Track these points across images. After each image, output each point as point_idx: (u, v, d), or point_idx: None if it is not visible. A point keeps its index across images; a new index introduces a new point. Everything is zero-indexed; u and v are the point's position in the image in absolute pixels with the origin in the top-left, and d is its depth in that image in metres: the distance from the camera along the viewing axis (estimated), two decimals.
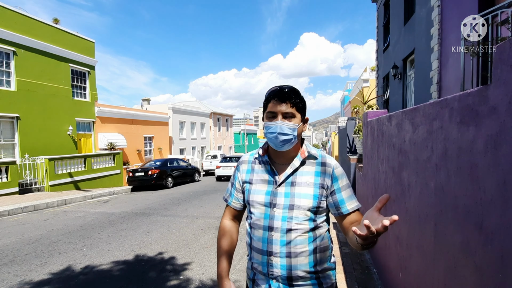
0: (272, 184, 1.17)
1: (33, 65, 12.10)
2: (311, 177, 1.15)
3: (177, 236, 5.01)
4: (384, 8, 11.07)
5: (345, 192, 1.15)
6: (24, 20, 11.92)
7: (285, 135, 1.10)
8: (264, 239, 1.14)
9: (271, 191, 1.16)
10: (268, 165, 1.21)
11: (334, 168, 1.17)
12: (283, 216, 1.12)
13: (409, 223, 2.01)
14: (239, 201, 1.31)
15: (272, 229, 1.13)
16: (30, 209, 7.75)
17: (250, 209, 1.22)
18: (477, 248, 1.17)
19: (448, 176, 1.41)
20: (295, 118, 1.12)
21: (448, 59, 5.44)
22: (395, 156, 2.35)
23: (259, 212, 1.17)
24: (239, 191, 1.30)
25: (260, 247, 1.15)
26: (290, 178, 1.15)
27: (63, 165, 11.53)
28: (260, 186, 1.19)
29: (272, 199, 1.14)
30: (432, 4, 6.06)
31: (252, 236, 1.20)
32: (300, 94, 1.15)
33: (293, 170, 1.16)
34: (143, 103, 24.73)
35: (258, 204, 1.17)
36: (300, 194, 1.12)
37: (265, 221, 1.15)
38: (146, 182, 12.41)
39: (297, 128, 1.12)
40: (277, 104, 1.11)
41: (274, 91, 1.14)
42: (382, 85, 11.60)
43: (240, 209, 1.32)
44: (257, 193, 1.19)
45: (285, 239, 1.11)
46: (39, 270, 3.61)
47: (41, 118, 12.34)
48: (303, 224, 1.12)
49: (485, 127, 1.10)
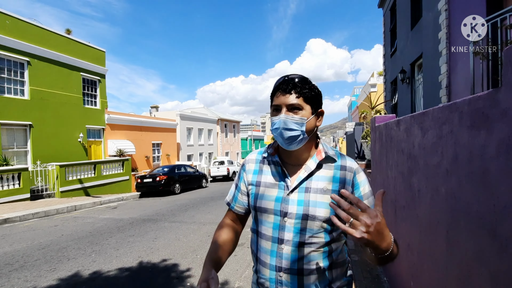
0: (283, 189, 1.01)
1: (46, 74, 12.44)
2: (329, 183, 0.99)
3: (184, 243, 5.00)
4: (391, 13, 11.04)
5: (368, 202, 1.00)
6: (38, 31, 12.32)
7: (291, 130, 0.95)
8: (273, 252, 1.00)
9: (282, 197, 1.00)
10: (279, 166, 1.06)
11: (356, 172, 1.02)
12: (295, 228, 0.97)
13: (420, 230, 1.96)
14: (244, 205, 1.15)
15: (282, 242, 0.98)
16: (41, 215, 7.88)
17: (256, 216, 1.07)
18: (491, 256, 1.13)
19: (459, 182, 1.38)
20: (302, 110, 0.97)
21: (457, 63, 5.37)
22: (404, 161, 2.31)
23: (268, 221, 1.02)
24: (244, 193, 1.14)
25: (267, 261, 1.01)
26: (304, 183, 1.00)
27: (73, 171, 11.74)
28: (269, 190, 1.04)
29: (283, 207, 0.99)
30: (439, 8, 6.02)
31: (258, 247, 1.05)
32: (310, 82, 1.00)
33: (308, 174, 1.01)
34: (151, 110, 25.08)
35: (267, 212, 1.02)
36: (316, 203, 0.97)
37: (274, 231, 1.00)
38: (154, 188, 12.50)
39: (305, 123, 0.97)
40: (281, 96, 0.98)
41: (279, 82, 1.01)
42: (390, 90, 11.50)
43: (244, 214, 1.17)
44: (266, 198, 1.03)
45: (297, 254, 0.96)
46: (48, 276, 3.64)
47: (53, 126, 12.63)
48: (318, 238, 0.97)
49: (497, 131, 1.07)
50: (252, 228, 1.11)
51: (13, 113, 11.15)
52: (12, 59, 11.29)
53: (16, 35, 11.32)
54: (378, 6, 12.71)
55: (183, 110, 25.64)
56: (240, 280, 3.44)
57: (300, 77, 0.99)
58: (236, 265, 3.91)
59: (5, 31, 10.95)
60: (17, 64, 11.55)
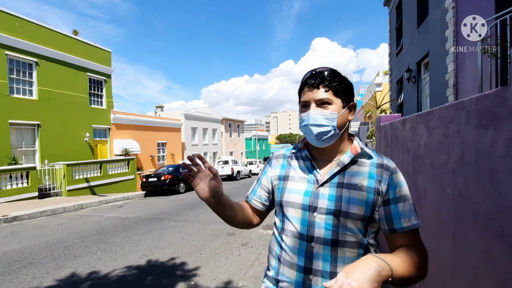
0: (312, 183, 0.94)
1: (53, 75, 12.61)
2: (364, 180, 0.91)
3: (188, 242, 5.02)
4: (397, 12, 10.93)
5: (403, 205, 0.90)
6: (46, 32, 12.49)
7: (320, 126, 0.90)
8: (301, 251, 0.90)
9: (312, 191, 0.93)
10: (308, 161, 0.99)
11: (393, 172, 0.93)
12: (326, 224, 0.89)
13: (426, 230, 1.94)
14: (262, 199, 1.09)
15: (312, 239, 0.90)
16: (48, 213, 7.99)
17: (283, 212, 0.98)
18: (499, 257, 1.11)
19: (466, 181, 1.36)
20: (332, 104, 0.91)
21: (465, 61, 5.29)
22: (409, 161, 2.29)
23: (295, 216, 0.94)
24: (264, 188, 1.08)
25: (295, 261, 0.91)
26: (336, 178, 0.93)
27: (80, 170, 11.89)
28: (298, 184, 0.97)
29: (313, 201, 0.92)
30: (446, 6, 5.94)
31: (282, 246, 0.96)
32: (339, 74, 0.94)
33: (341, 168, 0.93)
34: (156, 110, 25.26)
35: (294, 206, 0.95)
36: (350, 199, 0.89)
37: (302, 227, 0.92)
38: (159, 187, 12.58)
39: (336, 117, 0.90)
40: (308, 92, 0.92)
41: (306, 77, 0.95)
42: (395, 89, 11.39)
43: (261, 209, 1.10)
44: (294, 192, 0.96)
45: (331, 254, 0.88)
46: (55, 273, 3.69)
47: (60, 125, 12.80)
48: (352, 236, 0.89)
49: (505, 129, 1.05)
50: (276, 227, 1.03)
51: (22, 113, 11.33)
52: (21, 60, 11.47)
53: (25, 36, 11.50)
54: (384, 5, 12.59)
55: (188, 110, 25.78)
56: (244, 279, 3.44)
57: (329, 70, 0.94)
58: (240, 264, 3.91)
59: (14, 33, 11.13)
60: (25, 65, 11.73)
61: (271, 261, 1.02)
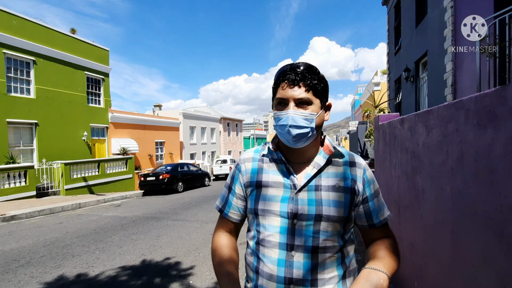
0: (289, 188, 0.89)
1: (51, 73, 12.55)
2: (340, 180, 0.90)
3: (187, 241, 5.02)
4: (395, 11, 10.94)
5: (378, 199, 0.94)
6: (44, 30, 12.42)
7: (300, 128, 0.85)
8: (281, 261, 0.86)
9: (290, 197, 0.88)
10: (283, 164, 0.93)
11: (365, 169, 0.94)
12: (307, 230, 0.86)
13: (424, 230, 1.94)
14: (239, 211, 1.00)
15: (293, 248, 0.85)
16: (46, 212, 7.96)
17: (258, 221, 0.92)
18: (498, 257, 1.10)
19: (465, 181, 1.36)
20: (312, 105, 0.87)
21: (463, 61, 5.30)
22: (408, 160, 2.29)
23: (274, 225, 0.88)
24: (239, 197, 0.99)
25: (275, 273, 0.86)
26: (313, 181, 0.89)
27: (78, 169, 11.85)
28: (274, 190, 0.91)
29: (292, 208, 0.87)
30: (445, 5, 5.94)
31: (260, 257, 0.90)
32: (319, 72, 0.89)
33: (318, 170, 0.90)
34: (154, 109, 25.18)
35: (272, 214, 0.89)
36: (329, 201, 0.87)
37: (282, 236, 0.87)
38: (157, 186, 12.56)
39: (315, 118, 0.87)
40: (288, 88, 0.86)
41: (284, 71, 0.89)
42: (394, 89, 11.40)
43: (239, 221, 1.01)
44: (270, 199, 0.90)
45: (311, 261, 0.85)
46: (53, 272, 3.67)
47: (58, 124, 12.74)
48: (332, 241, 0.87)
49: (504, 129, 1.04)
50: (251, 237, 0.96)
51: (20, 111, 11.27)
52: (18, 58, 11.40)
53: (22, 35, 11.42)
54: (382, 4, 12.59)
55: (186, 109, 25.72)
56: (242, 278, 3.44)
57: (309, 66, 0.88)
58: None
59: (12, 31, 11.06)
60: (23, 64, 11.66)
61: (249, 273, 0.96)
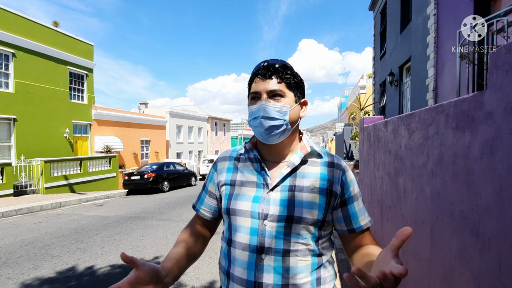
0: (262, 188, 0.86)
1: (31, 67, 12.06)
2: (316, 181, 0.86)
3: (171, 241, 4.95)
4: (381, 16, 11.21)
5: (358, 203, 0.90)
6: (24, 22, 11.92)
7: (272, 119, 0.83)
8: (251, 264, 0.81)
9: (261, 196, 0.85)
10: (257, 163, 0.91)
11: (345, 170, 0.90)
12: (277, 232, 0.81)
13: None
14: (211, 209, 0.99)
15: (263, 250, 0.81)
16: (24, 212, 7.65)
17: (230, 222, 0.89)
18: (474, 255, 1.16)
19: (444, 182, 1.41)
20: (285, 97, 0.85)
21: (444, 67, 5.49)
22: (391, 162, 2.35)
23: (244, 226, 0.85)
24: (212, 196, 0.99)
25: (244, 277, 0.82)
26: (287, 181, 0.86)
27: (58, 167, 11.44)
28: (246, 190, 0.88)
29: (263, 208, 0.83)
30: (428, 12, 6.14)
31: (232, 260, 0.86)
32: (292, 68, 0.90)
33: (292, 169, 0.87)
34: (140, 106, 24.69)
35: (243, 214, 0.85)
36: (302, 203, 0.83)
37: (252, 238, 0.82)
38: (142, 185, 12.31)
39: (288, 111, 0.85)
40: (260, 82, 0.86)
41: (257, 67, 0.89)
42: (378, 92, 11.68)
43: (211, 219, 1.01)
44: (241, 198, 0.87)
45: (281, 265, 0.80)
46: (31, 274, 3.54)
47: (38, 120, 12.26)
48: (305, 244, 0.82)
49: (481, 132, 1.09)
50: (223, 238, 0.93)
51: None
52: None
53: (1, 26, 10.92)
54: (369, 9, 12.88)
55: (173, 107, 25.37)
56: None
57: (281, 62, 0.89)
58: None
59: None
60: (1, 56, 11.15)
61: (221, 278, 0.92)
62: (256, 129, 0.87)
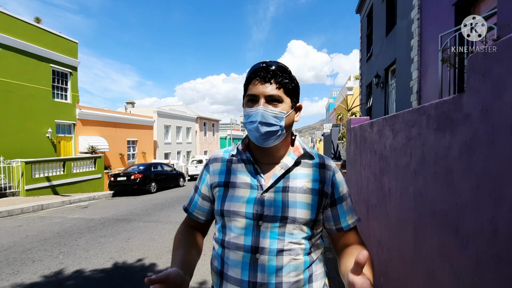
0: (256, 189, 0.88)
1: (11, 65, 11.63)
2: (308, 181, 0.89)
3: (159, 243, 4.88)
4: (368, 19, 11.43)
5: (346, 203, 0.94)
6: (4, 18, 11.47)
7: (269, 125, 0.85)
8: (245, 264, 0.84)
9: (256, 198, 0.87)
10: (250, 164, 0.92)
11: (335, 171, 0.94)
12: (272, 232, 0.84)
13: (390, 227, 2.05)
14: (205, 211, 1.00)
15: (257, 250, 0.83)
16: (3, 215, 7.35)
17: (224, 223, 0.90)
18: (454, 251, 1.20)
19: (426, 181, 1.45)
20: (282, 103, 0.87)
21: (427, 70, 5.66)
22: (376, 162, 2.40)
23: (239, 227, 0.86)
24: (205, 198, 0.99)
25: (238, 277, 0.84)
26: (281, 182, 0.88)
27: (40, 168, 11.06)
28: (240, 191, 0.89)
29: (258, 209, 0.85)
30: (412, 16, 6.32)
31: (225, 261, 0.87)
32: (290, 72, 0.90)
33: (285, 171, 0.89)
34: (127, 106, 24.23)
35: (237, 216, 0.87)
36: (296, 203, 0.86)
37: (246, 238, 0.85)
38: (128, 187, 12.07)
39: (285, 117, 0.87)
40: (259, 85, 0.86)
41: (256, 68, 0.88)
42: (365, 93, 11.91)
43: (204, 221, 1.01)
44: (236, 200, 0.88)
45: (275, 264, 0.82)
46: (10, 279, 3.41)
47: (19, 120, 11.83)
48: (298, 244, 0.85)
49: (460, 133, 1.14)
50: (216, 239, 0.94)
51: None
52: None
53: None
54: (356, 12, 13.11)
55: (161, 107, 25.02)
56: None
57: (280, 65, 0.88)
58: None
59: None
60: None
61: (213, 278, 0.94)
62: (251, 133, 0.88)
